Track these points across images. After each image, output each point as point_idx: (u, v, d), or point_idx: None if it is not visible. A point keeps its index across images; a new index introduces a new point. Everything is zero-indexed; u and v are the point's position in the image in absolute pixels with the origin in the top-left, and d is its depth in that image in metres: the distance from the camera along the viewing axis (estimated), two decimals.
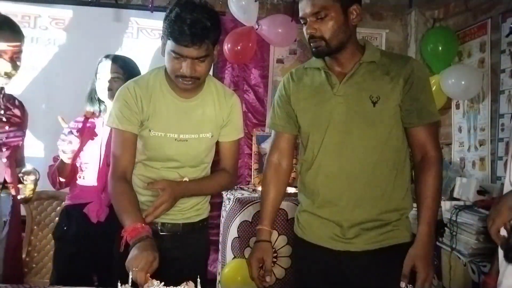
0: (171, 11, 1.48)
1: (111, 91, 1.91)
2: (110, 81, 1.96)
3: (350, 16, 1.49)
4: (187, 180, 1.65)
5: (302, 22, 1.53)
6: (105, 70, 1.98)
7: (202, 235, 1.80)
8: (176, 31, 1.44)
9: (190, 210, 1.71)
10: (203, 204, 1.77)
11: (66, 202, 2.09)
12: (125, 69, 1.99)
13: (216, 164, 1.80)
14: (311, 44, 1.52)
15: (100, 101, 2.01)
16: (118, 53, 3.12)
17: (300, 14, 1.51)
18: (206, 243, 1.86)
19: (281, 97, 1.67)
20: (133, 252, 1.38)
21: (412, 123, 1.52)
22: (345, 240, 1.53)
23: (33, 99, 2.70)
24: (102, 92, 1.97)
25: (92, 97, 2.03)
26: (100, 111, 2.02)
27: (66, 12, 3.12)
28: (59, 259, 2.03)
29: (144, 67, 3.14)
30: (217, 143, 1.75)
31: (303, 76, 1.64)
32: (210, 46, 1.50)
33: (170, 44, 1.49)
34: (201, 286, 1.24)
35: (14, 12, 3.01)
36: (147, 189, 1.62)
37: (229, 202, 2.79)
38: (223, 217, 2.87)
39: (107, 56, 2.02)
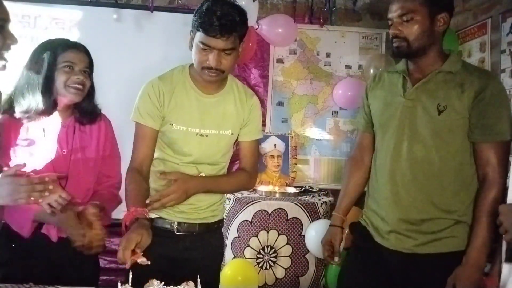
0: (202, 5, 1.54)
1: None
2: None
3: (436, 23, 1.51)
4: (203, 175, 1.67)
5: (389, 24, 1.57)
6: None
7: (217, 236, 1.83)
8: (206, 22, 1.50)
9: (206, 210, 1.73)
10: (218, 205, 1.79)
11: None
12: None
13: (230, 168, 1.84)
14: (393, 44, 1.55)
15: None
16: (118, 53, 3.14)
17: (388, 15, 1.56)
18: (220, 244, 1.87)
19: (363, 97, 1.75)
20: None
21: (475, 139, 1.49)
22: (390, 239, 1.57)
23: None
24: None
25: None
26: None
27: (66, 12, 3.11)
28: None
29: (145, 67, 3.15)
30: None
31: (384, 77, 1.68)
32: (236, 40, 1.55)
33: (198, 35, 1.54)
34: (205, 286, 1.24)
35: (14, 12, 3.00)
36: (160, 179, 1.65)
37: (229, 202, 2.79)
38: None
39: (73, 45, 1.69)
